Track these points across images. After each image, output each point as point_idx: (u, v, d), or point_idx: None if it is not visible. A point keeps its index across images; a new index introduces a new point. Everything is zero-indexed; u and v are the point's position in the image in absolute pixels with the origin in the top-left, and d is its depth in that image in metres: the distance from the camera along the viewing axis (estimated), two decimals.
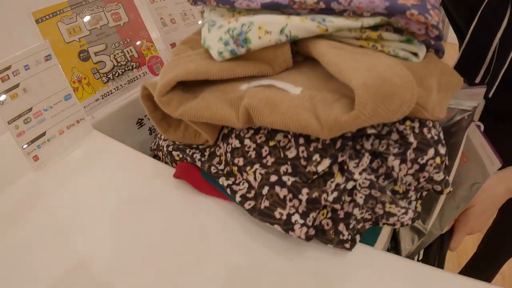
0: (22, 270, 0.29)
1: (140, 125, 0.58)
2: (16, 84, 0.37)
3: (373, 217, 0.29)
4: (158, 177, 0.38)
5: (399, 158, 0.27)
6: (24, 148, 0.38)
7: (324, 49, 0.27)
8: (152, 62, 0.59)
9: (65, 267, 0.29)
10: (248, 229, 0.31)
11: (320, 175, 0.28)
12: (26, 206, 0.35)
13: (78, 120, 0.44)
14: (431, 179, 0.28)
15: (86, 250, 0.30)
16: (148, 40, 0.59)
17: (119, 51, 0.54)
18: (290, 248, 0.29)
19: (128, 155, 0.42)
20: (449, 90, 0.31)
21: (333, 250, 0.29)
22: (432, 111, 0.27)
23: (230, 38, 0.29)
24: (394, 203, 0.28)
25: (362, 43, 0.28)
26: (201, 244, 0.30)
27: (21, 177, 0.39)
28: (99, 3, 0.52)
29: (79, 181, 0.38)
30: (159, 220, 0.33)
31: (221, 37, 0.30)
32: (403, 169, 0.27)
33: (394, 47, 0.28)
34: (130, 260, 0.29)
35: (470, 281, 0.26)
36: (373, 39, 0.28)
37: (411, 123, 0.28)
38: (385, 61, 0.25)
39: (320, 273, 0.27)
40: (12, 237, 0.32)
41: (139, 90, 0.56)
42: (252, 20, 0.28)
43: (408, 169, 0.27)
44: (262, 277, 0.27)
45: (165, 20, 0.63)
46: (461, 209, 0.39)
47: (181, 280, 0.27)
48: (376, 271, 0.27)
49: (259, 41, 0.28)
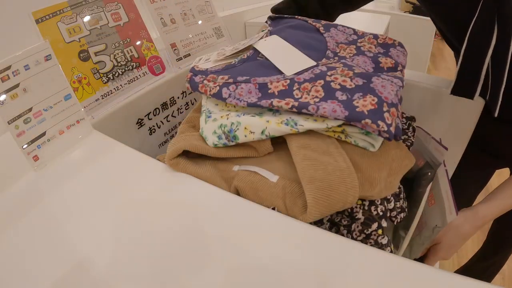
0: (22, 270, 0.29)
1: (140, 125, 0.58)
2: (16, 84, 0.37)
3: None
4: (158, 177, 0.38)
5: (347, 229, 0.34)
6: (24, 148, 0.38)
7: (295, 149, 0.34)
8: (152, 62, 0.59)
9: (65, 267, 0.29)
10: (248, 229, 0.31)
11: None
12: (26, 206, 0.35)
13: (78, 120, 0.44)
14: (377, 242, 0.34)
15: (86, 250, 0.30)
16: (148, 40, 0.59)
17: (119, 51, 0.54)
18: (290, 248, 0.29)
19: (128, 155, 0.42)
20: (400, 172, 0.37)
21: (333, 250, 0.29)
22: (378, 195, 0.34)
23: (222, 133, 0.37)
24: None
25: (329, 133, 0.35)
26: (201, 244, 0.30)
27: (21, 177, 0.39)
28: (99, 3, 0.52)
29: (79, 181, 0.38)
30: (159, 220, 0.33)
31: (215, 131, 0.37)
32: (353, 236, 0.34)
33: (355, 138, 0.35)
34: (130, 260, 0.29)
35: (470, 281, 0.26)
36: (338, 131, 0.35)
37: (362, 202, 0.35)
38: (338, 167, 0.32)
39: (320, 273, 0.27)
40: (12, 237, 0.32)
41: (139, 90, 0.57)
42: (239, 121, 0.36)
43: (356, 237, 0.34)
44: (262, 277, 0.27)
45: (165, 20, 0.63)
46: (426, 245, 0.44)
47: (181, 280, 0.27)
48: (376, 271, 0.27)
49: (245, 138, 0.35)
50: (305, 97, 0.35)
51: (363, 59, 0.44)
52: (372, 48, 0.46)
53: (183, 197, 0.35)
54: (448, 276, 0.26)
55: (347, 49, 0.46)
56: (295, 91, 0.36)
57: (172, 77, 0.63)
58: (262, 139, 0.35)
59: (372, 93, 0.33)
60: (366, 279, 0.27)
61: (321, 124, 0.34)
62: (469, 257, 1.14)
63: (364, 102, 0.32)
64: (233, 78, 0.39)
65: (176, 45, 0.65)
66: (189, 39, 0.67)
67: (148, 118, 0.59)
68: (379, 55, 0.45)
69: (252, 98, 0.37)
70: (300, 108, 0.34)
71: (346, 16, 0.64)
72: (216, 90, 0.39)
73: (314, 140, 0.34)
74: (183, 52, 0.66)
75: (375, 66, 0.43)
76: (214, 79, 0.40)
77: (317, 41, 0.47)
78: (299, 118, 0.35)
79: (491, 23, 0.41)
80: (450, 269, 1.16)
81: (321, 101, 0.34)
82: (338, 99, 0.33)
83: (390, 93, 0.34)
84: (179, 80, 0.64)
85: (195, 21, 0.69)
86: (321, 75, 0.37)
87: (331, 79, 0.36)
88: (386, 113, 0.32)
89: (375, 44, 0.47)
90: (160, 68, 0.60)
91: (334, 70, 0.38)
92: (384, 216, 0.35)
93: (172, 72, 0.63)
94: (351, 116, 0.32)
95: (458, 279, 0.26)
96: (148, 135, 0.61)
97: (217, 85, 0.40)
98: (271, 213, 0.33)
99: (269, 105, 0.35)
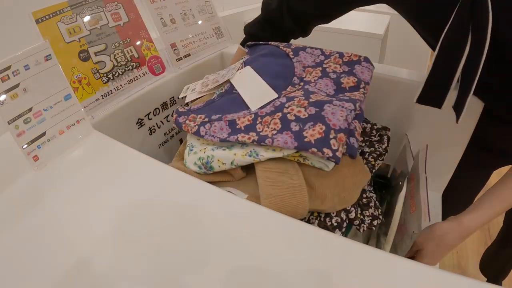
0: (21, 270, 0.29)
1: (140, 125, 0.58)
2: (16, 84, 0.37)
3: None
4: (158, 177, 0.38)
5: None
6: (24, 148, 0.38)
7: (259, 172, 0.41)
8: (152, 62, 0.59)
9: (65, 267, 0.29)
10: (248, 229, 0.31)
11: None
12: (26, 206, 0.35)
13: (78, 120, 0.44)
14: None
15: (86, 250, 0.30)
16: (148, 40, 0.59)
17: (119, 51, 0.54)
18: (290, 248, 0.29)
19: (128, 155, 0.42)
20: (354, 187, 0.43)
21: (333, 250, 0.29)
22: (331, 209, 0.41)
23: (201, 164, 0.44)
24: None
25: (290, 158, 0.41)
26: (201, 244, 0.30)
27: (21, 177, 0.39)
28: (99, 3, 0.52)
29: (79, 181, 0.38)
30: (159, 220, 0.33)
31: (195, 162, 0.44)
32: None
33: (312, 160, 0.40)
34: (130, 260, 0.29)
35: (470, 281, 0.26)
36: (297, 156, 0.41)
37: (318, 213, 0.41)
38: (292, 184, 0.38)
39: (320, 273, 0.27)
40: (11, 237, 0.32)
41: (139, 90, 0.57)
42: (213, 154, 0.43)
43: None
44: (262, 277, 0.27)
45: (165, 20, 0.63)
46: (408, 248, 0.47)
47: (181, 281, 0.27)
48: (376, 271, 0.27)
49: (219, 168, 0.43)
50: (265, 130, 0.41)
51: (325, 82, 0.49)
52: (337, 68, 0.51)
53: (183, 197, 0.35)
54: (448, 276, 0.26)
55: (313, 73, 0.51)
56: (258, 125, 0.43)
57: (172, 77, 0.63)
58: (232, 168, 0.42)
59: (321, 121, 0.39)
60: (366, 279, 0.27)
61: (278, 153, 0.40)
62: (469, 257, 1.14)
63: (312, 132, 0.38)
64: (208, 117, 0.47)
65: (176, 45, 0.65)
66: (189, 39, 0.67)
67: (148, 118, 0.59)
68: (342, 75, 0.49)
69: (223, 134, 0.44)
70: (260, 141, 0.40)
71: (346, 17, 0.64)
72: (195, 129, 0.46)
73: (275, 164, 0.41)
74: (183, 52, 0.66)
75: (337, 88, 0.48)
76: (194, 118, 0.48)
77: (286, 67, 0.52)
78: (261, 149, 0.41)
79: (464, 33, 0.40)
80: (450, 269, 1.16)
81: (278, 133, 0.40)
82: (292, 130, 0.39)
83: (339, 119, 0.39)
84: (179, 80, 0.64)
85: (195, 21, 0.69)
86: (280, 108, 0.43)
87: (288, 110, 0.42)
88: (333, 139, 0.37)
89: (340, 64, 0.51)
90: (160, 68, 0.60)
91: (292, 101, 0.44)
92: (338, 227, 0.41)
93: (172, 72, 0.63)
94: (300, 146, 0.38)
95: (459, 279, 0.26)
96: (148, 135, 0.61)
97: (196, 125, 0.47)
98: (271, 213, 0.33)
99: (236, 140, 0.42)
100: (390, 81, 0.61)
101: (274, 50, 0.56)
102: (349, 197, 0.43)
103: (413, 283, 0.26)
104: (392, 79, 0.61)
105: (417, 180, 0.51)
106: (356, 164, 0.44)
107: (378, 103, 0.65)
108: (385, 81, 0.62)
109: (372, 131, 0.55)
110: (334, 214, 0.41)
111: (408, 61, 2.17)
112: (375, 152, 0.52)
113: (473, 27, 0.40)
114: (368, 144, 0.53)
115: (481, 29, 0.38)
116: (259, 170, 0.41)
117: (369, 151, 0.52)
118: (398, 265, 0.28)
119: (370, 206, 0.46)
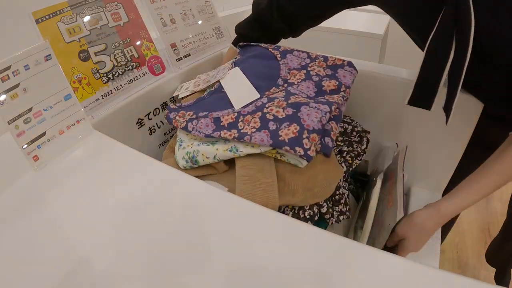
0: (21, 270, 0.29)
1: (140, 125, 0.58)
2: (16, 84, 0.37)
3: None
4: (158, 177, 0.38)
5: None
6: (24, 148, 0.38)
7: (237, 168, 0.44)
8: (152, 62, 0.59)
9: (65, 267, 0.29)
10: (249, 229, 0.31)
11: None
12: (26, 206, 0.35)
13: (78, 120, 0.44)
14: None
15: (86, 250, 0.30)
16: (148, 40, 0.59)
17: (119, 51, 0.54)
18: (290, 248, 0.29)
19: (128, 155, 0.42)
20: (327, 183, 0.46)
21: (333, 250, 0.29)
22: (302, 203, 0.44)
23: (188, 158, 0.47)
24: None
25: (268, 154, 0.44)
26: (201, 244, 0.30)
27: (21, 177, 0.39)
28: (99, 3, 0.52)
29: (79, 181, 0.38)
30: (159, 220, 0.33)
31: (183, 157, 0.48)
32: None
33: (288, 157, 0.43)
34: (130, 260, 0.29)
35: (470, 281, 0.26)
36: (274, 153, 0.43)
37: (292, 207, 0.44)
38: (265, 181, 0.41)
39: (320, 273, 0.27)
40: (11, 238, 0.32)
41: (139, 90, 0.57)
42: (198, 149, 0.46)
43: None
44: (262, 277, 0.27)
45: (165, 20, 0.63)
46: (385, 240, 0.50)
47: (181, 281, 0.27)
48: (376, 271, 0.27)
49: (204, 162, 0.46)
50: (246, 128, 0.45)
51: (307, 85, 0.52)
52: (320, 71, 0.54)
53: (183, 197, 0.35)
54: (448, 276, 0.26)
55: (297, 75, 0.54)
56: (240, 122, 0.46)
57: (172, 77, 0.63)
58: (215, 162, 0.46)
59: (297, 121, 0.42)
60: (366, 279, 0.27)
61: (256, 149, 0.43)
62: (469, 255, 1.14)
63: (287, 131, 0.41)
64: (196, 114, 0.50)
65: (176, 45, 0.65)
66: (189, 39, 0.67)
67: (148, 118, 0.59)
68: (324, 78, 0.52)
69: (208, 130, 0.47)
70: (239, 138, 0.44)
71: (346, 17, 0.64)
72: (184, 125, 0.50)
73: (252, 161, 0.44)
74: (183, 52, 0.66)
75: (318, 90, 0.51)
76: (183, 115, 0.51)
77: (272, 69, 0.56)
78: (241, 145, 0.44)
79: (449, 39, 0.42)
80: (450, 269, 1.16)
81: (256, 131, 0.43)
82: (269, 129, 0.43)
83: (313, 120, 0.42)
84: (179, 80, 0.64)
85: (195, 21, 0.69)
86: (261, 107, 0.47)
87: (268, 110, 0.45)
88: (306, 139, 0.40)
89: (324, 67, 0.54)
90: (160, 68, 0.60)
91: (272, 102, 0.47)
92: (311, 219, 0.43)
93: (172, 72, 0.63)
94: (275, 144, 0.41)
95: (459, 279, 0.26)
96: (148, 135, 0.61)
97: (184, 121, 0.50)
98: (272, 213, 0.33)
99: (219, 136, 0.46)
100: (390, 81, 0.61)
101: (263, 52, 0.60)
102: (322, 192, 0.45)
103: (413, 283, 0.26)
104: (392, 79, 0.61)
105: (395, 178, 0.55)
106: (330, 162, 0.46)
107: (378, 103, 0.65)
108: (385, 81, 0.62)
109: (353, 132, 0.58)
110: (307, 207, 0.45)
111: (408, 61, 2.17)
112: (353, 151, 0.55)
113: (457, 32, 0.41)
114: (347, 143, 0.56)
115: (465, 34, 0.40)
116: (237, 167, 0.44)
117: (347, 150, 0.55)
118: (398, 265, 0.28)
119: (341, 203, 0.50)
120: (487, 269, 1.05)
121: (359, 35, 1.19)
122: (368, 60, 0.66)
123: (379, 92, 0.63)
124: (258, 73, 0.55)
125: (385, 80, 0.62)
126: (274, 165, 0.43)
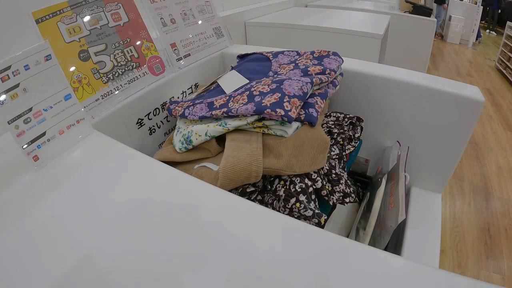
0: (21, 271, 0.29)
1: (140, 125, 0.58)
2: (16, 84, 0.37)
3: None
4: (158, 177, 0.38)
5: (271, 206, 0.42)
6: (24, 148, 0.38)
7: (227, 141, 0.46)
8: (152, 62, 0.59)
9: (65, 267, 0.29)
10: (249, 229, 0.31)
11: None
12: (26, 206, 0.35)
13: (78, 120, 0.44)
14: (302, 215, 0.39)
15: (86, 251, 0.30)
16: (148, 40, 0.59)
17: (119, 51, 0.54)
18: (290, 247, 0.29)
19: (128, 155, 0.42)
20: (314, 151, 0.44)
21: (333, 250, 0.29)
22: (288, 168, 0.42)
23: (183, 140, 0.49)
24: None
25: (256, 129, 0.46)
26: (201, 244, 0.30)
27: (21, 177, 0.39)
28: (99, 3, 0.52)
29: (79, 181, 0.38)
30: (160, 220, 0.33)
31: (180, 139, 0.50)
32: (279, 211, 0.40)
33: (274, 129, 0.45)
34: (130, 260, 0.29)
35: (470, 281, 0.26)
36: (262, 127, 0.46)
37: (283, 182, 0.42)
38: (250, 148, 0.42)
39: (320, 273, 0.27)
40: (11, 238, 0.32)
41: (139, 90, 0.57)
42: (192, 129, 0.49)
43: (282, 212, 0.40)
44: (262, 277, 0.27)
45: (165, 20, 0.63)
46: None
47: (181, 281, 0.27)
48: (376, 271, 0.27)
49: (196, 141, 0.48)
50: (235, 105, 0.48)
51: (294, 72, 0.55)
52: (308, 62, 0.58)
53: (183, 197, 0.35)
54: (448, 276, 0.26)
55: (286, 67, 0.58)
56: (230, 103, 0.49)
57: (172, 77, 0.63)
58: (207, 139, 0.47)
59: (279, 91, 0.44)
60: (365, 279, 0.27)
61: (243, 121, 0.45)
62: (469, 257, 1.14)
63: (269, 99, 0.44)
64: (193, 102, 0.54)
65: (176, 45, 0.65)
66: (189, 39, 0.67)
67: (148, 118, 0.59)
68: (310, 66, 0.55)
69: (202, 113, 0.51)
70: (228, 112, 0.47)
71: (346, 17, 0.64)
72: (181, 112, 0.53)
73: (241, 134, 0.46)
74: (183, 52, 0.66)
75: (303, 75, 0.53)
76: (182, 105, 0.55)
77: (264, 66, 0.61)
78: (229, 120, 0.47)
79: None
80: (450, 269, 1.16)
81: (243, 105, 0.45)
82: (255, 101, 0.45)
83: (294, 88, 0.44)
84: (179, 80, 0.64)
85: (195, 21, 0.69)
86: (249, 88, 0.50)
87: (254, 89, 0.48)
88: (286, 102, 0.42)
89: (310, 59, 0.58)
90: (160, 68, 0.60)
91: (259, 83, 0.49)
92: (303, 191, 0.42)
93: (172, 72, 0.63)
94: (257, 109, 0.43)
95: (459, 279, 0.26)
96: (148, 135, 0.61)
97: (182, 108, 0.54)
98: (272, 213, 0.33)
99: (210, 115, 0.49)
100: (390, 81, 0.61)
101: (258, 56, 0.67)
102: (309, 161, 0.44)
103: (413, 282, 0.26)
104: (392, 79, 0.61)
105: (397, 179, 0.55)
106: (314, 131, 0.47)
107: (378, 103, 0.65)
108: (385, 81, 0.62)
109: (345, 119, 0.59)
110: (298, 180, 0.43)
111: (408, 61, 2.17)
112: (343, 133, 0.55)
113: None
114: (339, 127, 0.57)
115: None
116: (227, 140, 0.46)
117: (337, 131, 0.55)
118: (398, 266, 0.28)
119: (341, 183, 0.48)
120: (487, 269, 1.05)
121: (359, 35, 1.19)
122: (368, 60, 0.66)
123: (378, 92, 0.63)
124: (252, 69, 0.61)
125: (384, 80, 0.62)
126: (261, 137, 0.45)
